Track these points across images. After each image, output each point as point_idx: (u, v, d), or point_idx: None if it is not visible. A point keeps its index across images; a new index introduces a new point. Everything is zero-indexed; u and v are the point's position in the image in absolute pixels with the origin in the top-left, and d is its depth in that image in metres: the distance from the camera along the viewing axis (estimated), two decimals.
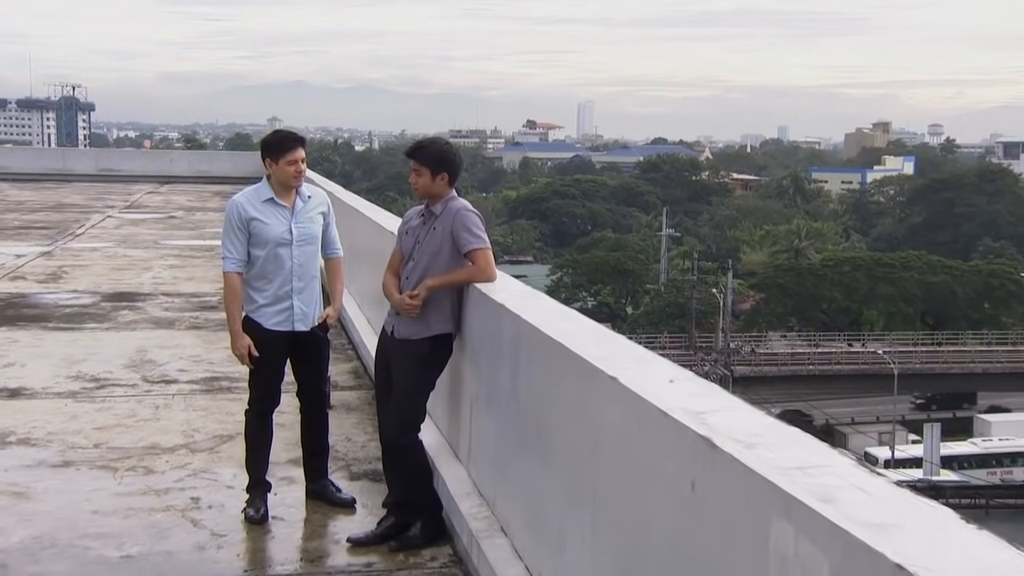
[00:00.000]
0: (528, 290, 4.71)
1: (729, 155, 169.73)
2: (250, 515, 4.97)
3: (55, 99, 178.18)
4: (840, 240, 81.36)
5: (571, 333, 3.58)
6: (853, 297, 57.52)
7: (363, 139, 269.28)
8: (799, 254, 69.27)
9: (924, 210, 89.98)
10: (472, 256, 4.67)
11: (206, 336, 9.60)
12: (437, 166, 4.76)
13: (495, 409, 4.36)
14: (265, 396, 5.13)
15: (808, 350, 54.19)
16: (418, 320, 4.75)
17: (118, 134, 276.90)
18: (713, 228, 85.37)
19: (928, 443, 36.77)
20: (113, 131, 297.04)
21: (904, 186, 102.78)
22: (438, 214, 4.77)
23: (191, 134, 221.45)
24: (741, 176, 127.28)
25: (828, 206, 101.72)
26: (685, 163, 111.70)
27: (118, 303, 11.30)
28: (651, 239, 77.17)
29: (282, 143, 4.99)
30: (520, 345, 3.96)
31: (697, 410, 2.54)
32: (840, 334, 56.37)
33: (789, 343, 56.72)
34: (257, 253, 4.98)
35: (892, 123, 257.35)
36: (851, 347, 54.60)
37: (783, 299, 57.48)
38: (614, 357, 3.17)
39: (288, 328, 5.03)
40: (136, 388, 7.64)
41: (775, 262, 65.63)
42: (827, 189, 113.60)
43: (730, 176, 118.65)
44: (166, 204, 24.89)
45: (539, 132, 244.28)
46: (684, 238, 78.28)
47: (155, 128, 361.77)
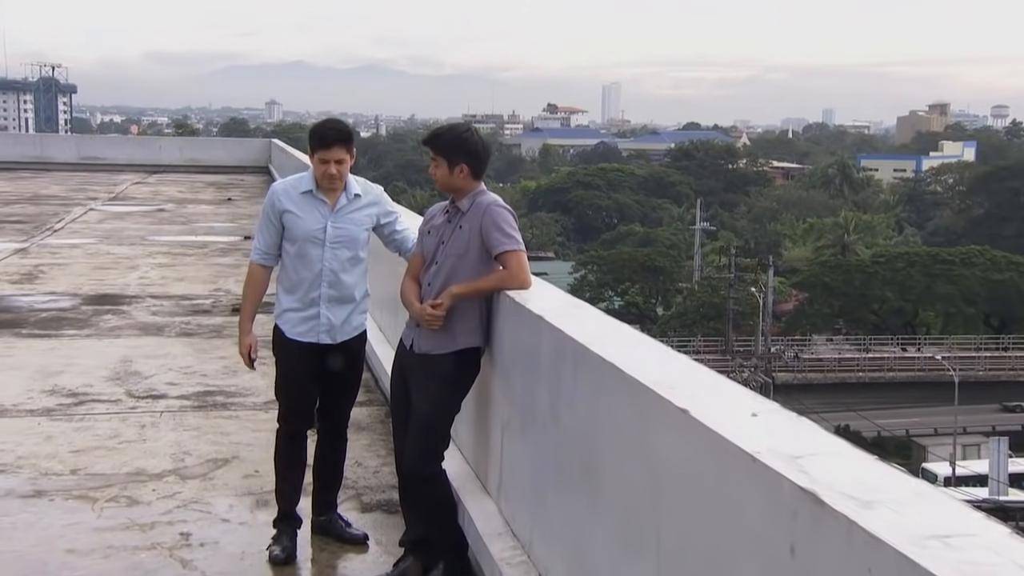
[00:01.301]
0: (569, 299, 4.50)
1: (769, 141, 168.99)
2: (275, 554, 4.79)
3: (32, 80, 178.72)
4: (892, 234, 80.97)
5: (625, 352, 3.34)
6: (907, 297, 57.05)
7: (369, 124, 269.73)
8: (847, 249, 68.98)
9: (987, 201, 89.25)
10: (504, 259, 4.48)
11: (199, 344, 9.48)
12: (455, 156, 4.57)
13: (531, 436, 4.15)
14: (292, 413, 4.98)
15: (857, 355, 53.75)
16: (441, 333, 4.56)
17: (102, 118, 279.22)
18: (751, 221, 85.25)
19: (994, 459, 36.33)
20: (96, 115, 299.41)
21: (964, 174, 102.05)
22: (464, 211, 4.59)
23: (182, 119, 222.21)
24: (782, 164, 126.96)
25: (879, 197, 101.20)
26: (720, 150, 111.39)
27: (100, 307, 11.22)
28: (683, 233, 77.08)
29: (317, 135, 4.82)
30: (562, 364, 3.73)
31: (792, 453, 2.28)
32: (893, 338, 55.88)
33: (836, 347, 56.31)
34: (288, 249, 4.87)
35: (951, 104, 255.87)
36: (905, 352, 54.11)
37: (829, 299, 57.04)
38: (680, 383, 2.92)
39: (312, 340, 4.86)
40: (119, 404, 7.49)
41: (820, 258, 65.25)
42: (878, 178, 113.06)
43: (770, 164, 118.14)
44: (155, 196, 24.99)
45: (561, 117, 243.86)
46: (719, 232, 78.08)
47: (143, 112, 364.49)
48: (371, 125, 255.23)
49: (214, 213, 21.18)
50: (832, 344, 57.07)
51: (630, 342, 3.55)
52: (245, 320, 4.95)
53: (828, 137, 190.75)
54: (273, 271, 5.01)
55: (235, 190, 26.42)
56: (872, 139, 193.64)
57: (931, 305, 57.74)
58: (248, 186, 27.31)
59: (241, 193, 25.48)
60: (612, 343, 3.49)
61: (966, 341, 55.27)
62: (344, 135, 4.83)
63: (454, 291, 4.50)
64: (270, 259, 4.92)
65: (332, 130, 4.84)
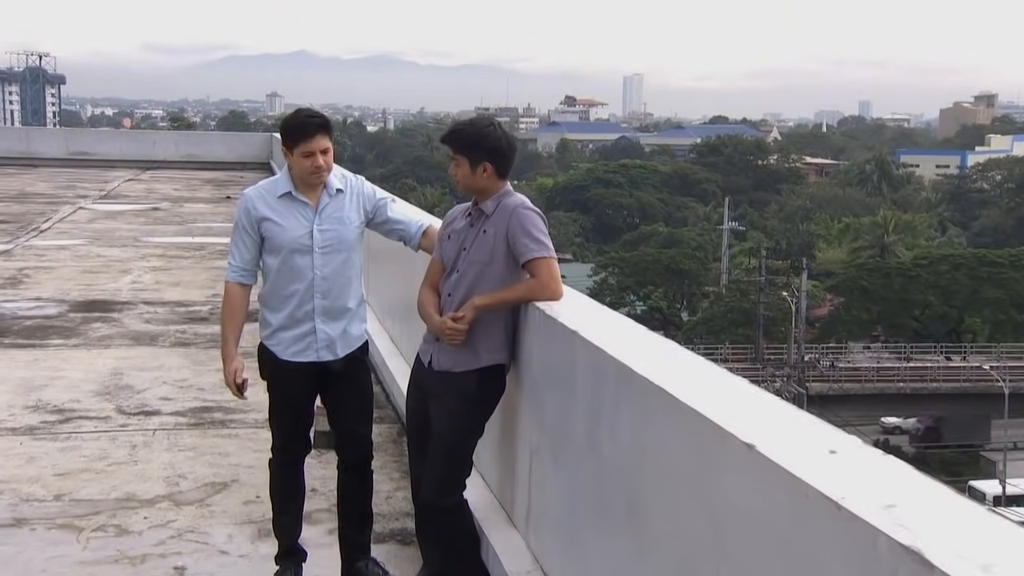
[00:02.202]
0: (606, 311, 4.32)
1: (801, 135, 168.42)
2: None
3: (18, 70, 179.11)
4: (935, 234, 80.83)
5: (676, 374, 3.16)
6: (952, 302, 56.83)
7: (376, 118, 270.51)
8: (886, 251, 68.85)
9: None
10: (532, 267, 4.32)
11: (195, 355, 9.41)
12: (478, 154, 4.41)
13: (566, 465, 3.97)
14: (289, 443, 4.82)
15: (897, 364, 53.54)
16: (463, 348, 4.41)
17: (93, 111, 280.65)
18: (783, 221, 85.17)
19: None
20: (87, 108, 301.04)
21: (1014, 170, 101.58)
22: (489, 213, 4.44)
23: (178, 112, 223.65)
24: (816, 160, 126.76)
25: (920, 194, 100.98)
26: (750, 145, 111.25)
27: (89, 314, 11.15)
28: (710, 234, 77.29)
29: (297, 128, 4.57)
30: (602, 386, 3.55)
31: (884, 499, 2.08)
32: (936, 346, 55.66)
33: (874, 356, 56.16)
34: (271, 262, 4.65)
35: (998, 95, 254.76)
36: (950, 361, 53.87)
37: (867, 304, 56.96)
38: (743, 412, 2.73)
39: (310, 359, 4.67)
40: (109, 422, 7.37)
41: (857, 260, 65.23)
42: (919, 174, 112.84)
43: (802, 160, 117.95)
44: (148, 193, 25.02)
45: (579, 110, 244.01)
46: (749, 233, 78.26)
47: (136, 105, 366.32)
48: (378, 119, 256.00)
49: (212, 212, 21.15)
50: (870, 352, 56.94)
51: (681, 363, 3.36)
52: (228, 345, 4.72)
53: (865, 131, 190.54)
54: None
55: (234, 188, 26.17)
56: (912, 133, 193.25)
57: (978, 311, 57.47)
58: (248, 183, 26.31)
59: (241, 191, 25.01)
60: (660, 363, 3.30)
61: (1016, 349, 54.94)
62: (325, 121, 4.65)
63: (477, 302, 4.36)
64: (249, 276, 4.72)
65: (311, 118, 4.62)
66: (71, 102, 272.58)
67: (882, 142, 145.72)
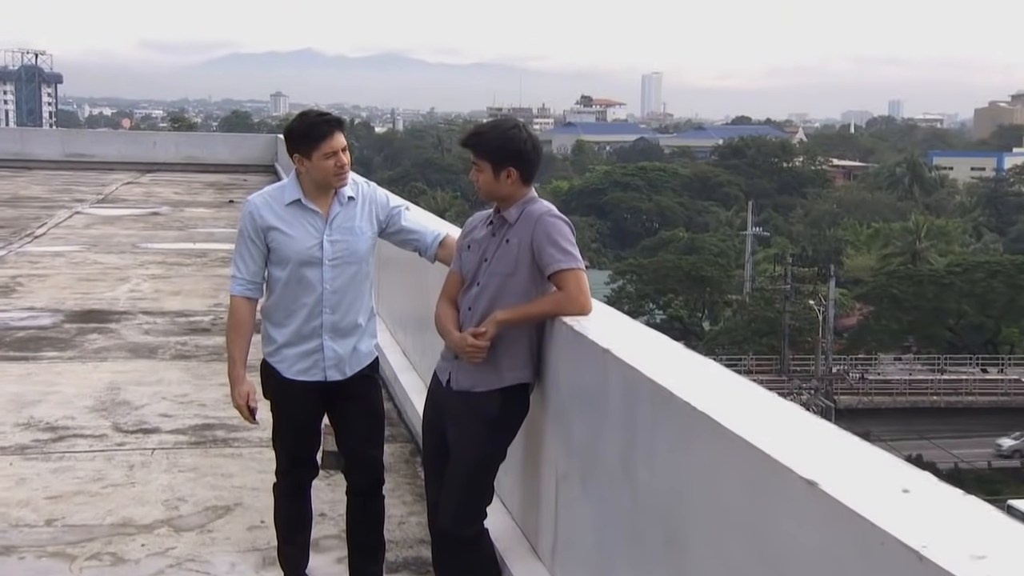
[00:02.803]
0: (639, 327, 4.20)
1: (828, 137, 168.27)
2: None
3: (13, 69, 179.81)
4: (970, 240, 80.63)
5: (721, 398, 3.01)
6: (988, 311, 56.59)
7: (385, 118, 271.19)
8: (918, 258, 68.73)
9: None
10: (559, 279, 4.20)
11: (196, 369, 9.34)
12: (502, 159, 4.30)
13: (596, 493, 3.85)
14: (294, 466, 4.74)
15: (930, 377, 53.29)
16: (485, 366, 4.30)
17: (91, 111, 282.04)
18: (809, 226, 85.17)
19: None
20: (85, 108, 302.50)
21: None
22: (512, 221, 4.33)
23: (179, 112, 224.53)
24: (843, 162, 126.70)
25: (954, 198, 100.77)
26: (774, 147, 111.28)
27: (85, 324, 11.11)
28: (733, 240, 77.37)
29: (313, 130, 4.46)
30: (637, 409, 3.42)
31: (972, 549, 1.93)
32: (972, 357, 55.41)
33: (906, 368, 55.90)
34: (277, 274, 4.54)
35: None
36: (986, 374, 53.68)
37: (898, 313, 56.67)
38: (799, 441, 2.59)
39: (317, 378, 4.57)
40: (105, 440, 7.27)
41: (887, 267, 65.26)
42: (952, 177, 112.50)
43: (829, 162, 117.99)
44: (148, 197, 25.10)
45: (596, 110, 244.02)
46: (773, 238, 78.29)
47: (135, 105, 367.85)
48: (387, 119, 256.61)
49: (214, 217, 21.19)
50: (901, 364, 56.70)
51: (724, 384, 3.22)
52: (236, 366, 4.62)
53: (895, 132, 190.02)
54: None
55: (237, 191, 26.41)
56: (946, 134, 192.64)
57: (1015, 321, 57.26)
58: (252, 187, 26.99)
59: (244, 195, 24.94)
60: (701, 385, 3.17)
61: None
62: (339, 121, 4.57)
63: (500, 317, 4.25)
64: (255, 290, 4.61)
65: (324, 120, 4.53)
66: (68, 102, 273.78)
67: (913, 143, 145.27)
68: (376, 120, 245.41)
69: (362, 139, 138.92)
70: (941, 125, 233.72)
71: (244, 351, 4.62)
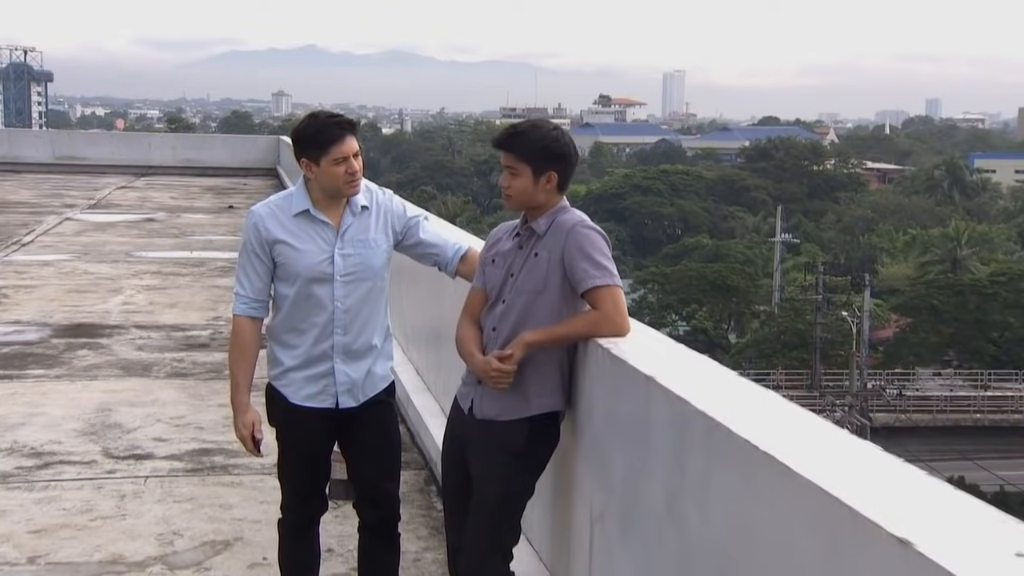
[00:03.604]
0: (683, 349, 4.02)
1: (861, 138, 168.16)
2: None
3: (1, 66, 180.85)
4: (1014, 247, 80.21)
5: (784, 434, 2.84)
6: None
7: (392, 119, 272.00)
8: (958, 266, 68.48)
9: None
10: (594, 297, 4.07)
11: (194, 388, 9.28)
12: (543, 162, 4.17)
13: (638, 537, 3.68)
14: (301, 501, 4.60)
15: (973, 393, 53.15)
16: (511, 393, 4.16)
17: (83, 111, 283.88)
18: (841, 232, 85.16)
19: None
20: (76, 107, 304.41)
21: None
22: (541, 233, 4.20)
23: (176, 112, 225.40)
24: (878, 165, 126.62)
25: (997, 203, 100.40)
26: (804, 149, 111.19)
27: (74, 339, 11.07)
28: (760, 247, 77.45)
29: (322, 133, 4.32)
30: (687, 444, 3.24)
31: None
32: (1018, 372, 55.11)
33: (946, 383, 55.65)
34: (284, 291, 4.42)
35: None
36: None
37: (937, 325, 56.57)
38: (885, 491, 2.40)
39: (327, 404, 4.45)
40: (94, 467, 7.16)
41: (925, 277, 65.05)
42: (995, 181, 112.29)
43: (863, 165, 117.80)
44: (143, 202, 25.22)
45: (614, 110, 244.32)
46: (803, 246, 78.23)
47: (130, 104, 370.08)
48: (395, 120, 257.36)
49: (213, 224, 21.22)
50: (941, 379, 56.44)
51: (791, 420, 3.03)
52: (239, 392, 4.48)
53: (933, 133, 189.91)
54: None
55: (237, 196, 26.55)
56: (988, 134, 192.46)
57: None
58: (253, 191, 27.45)
59: (244, 200, 25.52)
60: (763, 420, 2.98)
61: None
62: (350, 121, 4.43)
63: (528, 339, 4.10)
64: (261, 308, 4.48)
65: (336, 122, 4.39)
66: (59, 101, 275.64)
67: (953, 145, 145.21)
68: (383, 121, 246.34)
69: (368, 141, 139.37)
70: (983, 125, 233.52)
71: (249, 376, 4.49)
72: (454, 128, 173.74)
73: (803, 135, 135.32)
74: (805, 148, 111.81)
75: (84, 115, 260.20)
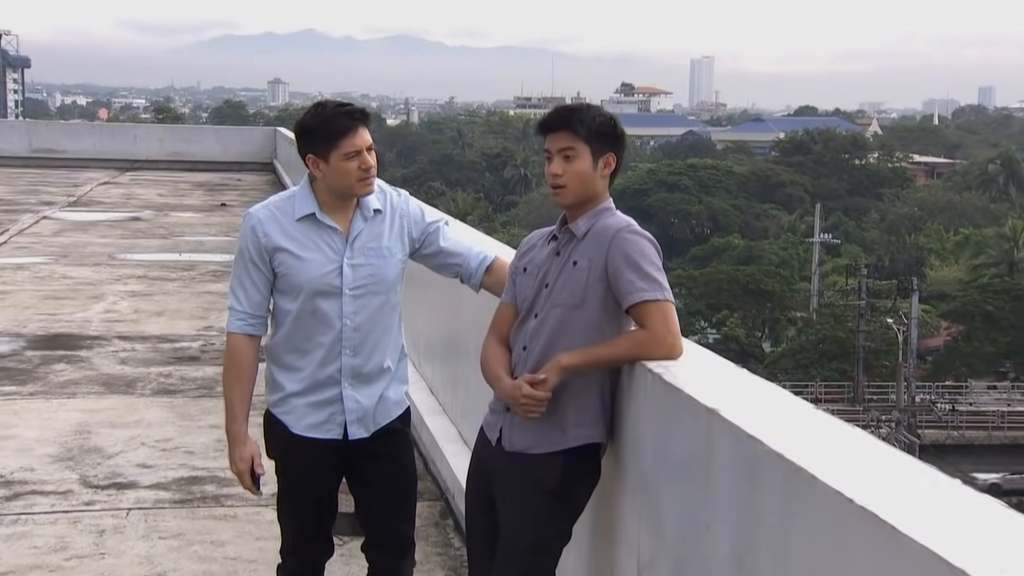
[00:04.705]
0: (746, 375, 3.84)
1: (907, 129, 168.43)
2: None
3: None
4: None
5: (885, 484, 2.66)
6: None
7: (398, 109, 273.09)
8: (1015, 269, 68.55)
9: None
10: (642, 313, 3.91)
11: (183, 407, 9.22)
12: (602, 142, 4.06)
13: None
14: (303, 544, 4.49)
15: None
16: (545, 422, 4.01)
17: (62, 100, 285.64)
18: (886, 232, 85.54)
19: None
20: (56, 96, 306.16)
21: None
22: (580, 236, 4.05)
23: (163, 101, 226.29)
24: (925, 159, 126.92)
25: None
26: (844, 141, 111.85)
27: (51, 352, 11.03)
28: (796, 248, 78.06)
29: (330, 125, 4.18)
30: (760, 489, 3.04)
31: None
32: None
33: (1002, 397, 55.76)
34: (286, 306, 4.29)
35: None
36: None
37: (992, 334, 56.75)
38: (1013, 555, 2.22)
39: (334, 435, 4.33)
40: (70, 498, 7.06)
41: (979, 280, 65.37)
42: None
43: (909, 159, 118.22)
44: (128, 200, 25.35)
45: (638, 100, 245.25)
46: (844, 246, 78.69)
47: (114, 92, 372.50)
48: (400, 110, 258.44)
49: (204, 223, 21.30)
50: (997, 393, 56.51)
51: (887, 464, 2.83)
52: (235, 421, 4.32)
53: (987, 123, 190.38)
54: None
55: (231, 193, 26.73)
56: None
57: None
58: (247, 188, 27.70)
59: (238, 197, 25.66)
60: (852, 464, 2.80)
61: None
62: (364, 111, 4.33)
63: (565, 362, 3.94)
64: (259, 325, 4.33)
65: (346, 108, 4.27)
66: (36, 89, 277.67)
67: (1009, 136, 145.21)
68: (388, 111, 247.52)
69: (372, 132, 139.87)
70: None
71: (246, 402, 4.34)
72: (464, 119, 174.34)
73: (843, 126, 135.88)
74: (846, 140, 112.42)
75: (64, 104, 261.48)
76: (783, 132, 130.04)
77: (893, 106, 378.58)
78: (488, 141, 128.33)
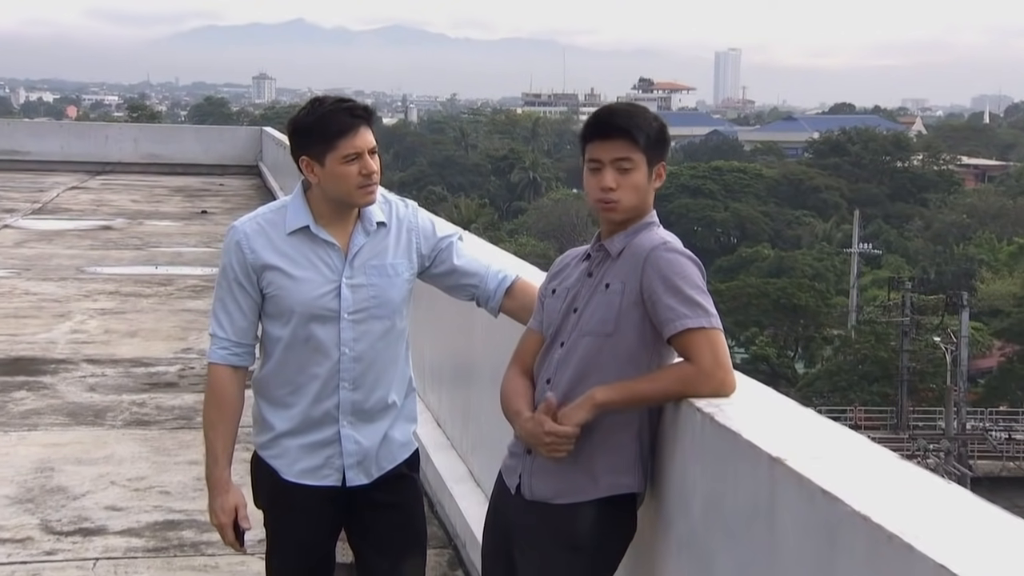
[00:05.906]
0: (815, 417, 3.67)
1: (955, 128, 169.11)
2: None
3: None
4: None
5: (991, 553, 2.53)
6: None
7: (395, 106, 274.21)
8: None
9: None
10: (686, 343, 3.75)
11: (158, 440, 9.12)
12: (657, 151, 3.96)
13: None
14: None
15: None
16: (573, 467, 3.89)
17: (27, 96, 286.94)
18: (931, 241, 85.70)
19: None
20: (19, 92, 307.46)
21: None
22: (614, 255, 3.92)
23: (138, 98, 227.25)
24: (975, 161, 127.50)
25: None
26: (884, 142, 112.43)
27: (10, 378, 10.96)
28: (832, 259, 78.73)
29: (328, 123, 4.05)
30: (838, 555, 2.88)
31: None
32: None
33: None
34: (276, 332, 4.19)
35: None
36: None
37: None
38: None
39: (332, 482, 4.23)
40: (29, 546, 6.92)
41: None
42: None
43: (957, 161, 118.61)
44: (98, 206, 25.51)
45: (658, 96, 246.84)
46: (885, 257, 78.97)
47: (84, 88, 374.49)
48: (398, 108, 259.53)
49: (182, 233, 21.36)
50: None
51: (995, 527, 2.69)
52: (217, 465, 4.21)
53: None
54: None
55: (212, 199, 26.89)
56: None
57: None
58: (230, 193, 27.93)
59: (220, 204, 25.85)
60: (953, 529, 2.65)
61: None
62: (368, 109, 4.19)
63: (600, 399, 3.78)
64: (245, 354, 4.21)
65: (346, 104, 4.15)
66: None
67: None
68: (385, 109, 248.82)
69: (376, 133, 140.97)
70: None
71: (229, 444, 4.23)
72: (467, 117, 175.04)
73: (884, 125, 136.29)
74: (886, 141, 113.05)
75: (29, 101, 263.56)
76: (817, 132, 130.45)
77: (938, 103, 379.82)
78: (494, 141, 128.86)
